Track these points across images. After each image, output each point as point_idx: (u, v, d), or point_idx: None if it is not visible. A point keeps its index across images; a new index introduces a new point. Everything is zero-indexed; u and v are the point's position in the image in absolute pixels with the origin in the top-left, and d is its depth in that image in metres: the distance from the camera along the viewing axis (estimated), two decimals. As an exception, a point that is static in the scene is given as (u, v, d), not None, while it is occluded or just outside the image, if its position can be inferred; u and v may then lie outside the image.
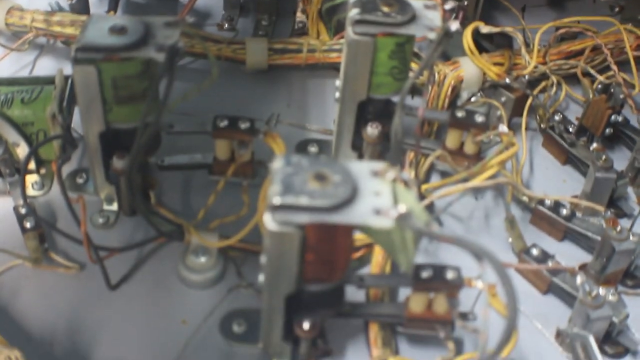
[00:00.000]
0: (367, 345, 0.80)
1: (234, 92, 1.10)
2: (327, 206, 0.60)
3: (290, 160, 0.64)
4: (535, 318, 0.86)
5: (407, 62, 0.87)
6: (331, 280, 0.70)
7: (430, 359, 0.76)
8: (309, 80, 1.14)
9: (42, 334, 0.81)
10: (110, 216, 0.92)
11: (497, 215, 0.96)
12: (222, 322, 0.83)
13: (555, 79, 1.09)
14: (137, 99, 0.82)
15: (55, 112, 0.88)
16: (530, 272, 0.90)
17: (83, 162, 0.96)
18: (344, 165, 0.64)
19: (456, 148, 0.94)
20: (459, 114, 0.92)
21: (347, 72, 0.88)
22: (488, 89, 1.08)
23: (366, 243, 0.88)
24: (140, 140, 0.78)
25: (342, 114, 0.92)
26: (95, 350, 0.80)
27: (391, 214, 0.61)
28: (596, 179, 0.96)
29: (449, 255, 0.90)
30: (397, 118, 0.82)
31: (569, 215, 0.94)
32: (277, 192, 0.61)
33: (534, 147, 1.07)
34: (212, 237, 0.87)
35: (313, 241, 0.65)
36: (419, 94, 1.08)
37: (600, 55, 1.12)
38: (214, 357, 0.81)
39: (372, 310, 0.80)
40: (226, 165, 0.89)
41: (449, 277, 0.74)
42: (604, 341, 0.84)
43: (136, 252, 0.88)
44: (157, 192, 0.93)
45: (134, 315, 0.83)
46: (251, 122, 0.87)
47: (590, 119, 1.03)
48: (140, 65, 0.80)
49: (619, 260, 0.87)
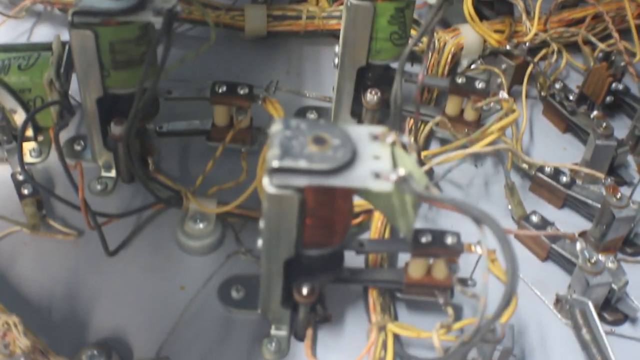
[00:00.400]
0: (366, 311, 0.80)
1: (233, 59, 1.10)
2: (326, 169, 0.60)
3: (289, 123, 0.64)
4: (534, 285, 0.86)
5: (407, 27, 0.86)
6: (330, 245, 0.70)
7: (429, 324, 0.76)
8: (308, 47, 1.13)
9: (40, 300, 0.81)
10: (108, 183, 0.91)
11: (497, 182, 0.96)
12: (220, 288, 0.83)
13: (556, 46, 1.09)
14: (135, 64, 0.81)
15: (52, 79, 0.88)
16: (530, 238, 0.89)
17: (81, 129, 0.95)
18: (344, 129, 0.63)
19: (456, 115, 0.94)
20: (459, 80, 0.92)
21: (346, 38, 0.87)
22: (488, 56, 1.08)
23: (365, 209, 0.88)
24: (138, 106, 0.77)
25: (342, 80, 0.91)
26: (93, 316, 0.80)
27: (391, 178, 0.60)
28: (596, 146, 0.95)
29: (449, 222, 0.90)
30: (396, 84, 0.81)
31: (568, 183, 0.93)
32: (276, 155, 0.61)
33: (534, 115, 1.07)
34: (210, 203, 0.86)
35: (312, 205, 0.64)
36: (418, 62, 1.07)
37: (602, 23, 1.11)
38: (213, 323, 0.81)
39: (371, 276, 0.79)
40: (224, 131, 0.88)
41: (449, 242, 0.73)
42: (603, 308, 0.84)
43: (134, 218, 0.88)
44: (155, 158, 0.93)
45: (132, 282, 0.83)
46: (250, 88, 0.86)
47: (591, 87, 1.03)
48: (137, 29, 0.79)
49: (618, 227, 0.87)
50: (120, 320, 0.80)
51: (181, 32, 1.11)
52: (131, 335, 0.79)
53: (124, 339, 0.78)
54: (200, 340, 0.79)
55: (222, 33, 1.11)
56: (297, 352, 0.79)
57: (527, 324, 0.83)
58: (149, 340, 0.78)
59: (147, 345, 0.78)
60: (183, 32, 1.11)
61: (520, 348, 0.81)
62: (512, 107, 0.86)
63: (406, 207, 0.66)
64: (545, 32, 1.09)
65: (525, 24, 1.08)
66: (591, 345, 0.78)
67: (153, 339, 0.78)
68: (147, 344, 0.78)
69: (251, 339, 0.79)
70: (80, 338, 0.78)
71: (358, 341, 0.79)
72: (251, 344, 0.79)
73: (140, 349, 0.78)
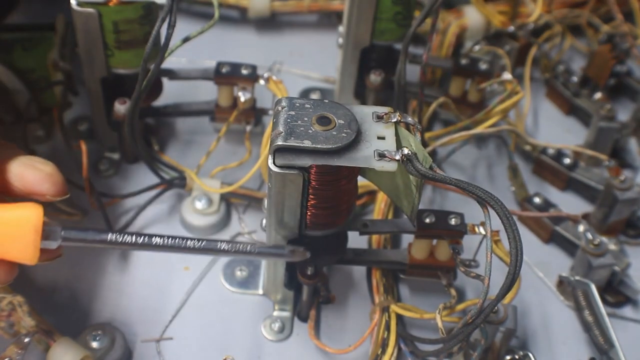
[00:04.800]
0: (369, 293, 0.80)
1: (237, 40, 1.10)
2: (330, 149, 0.60)
3: (293, 103, 0.64)
4: (537, 266, 0.87)
5: (411, 7, 0.86)
6: (334, 226, 0.70)
7: (432, 306, 0.77)
8: (311, 28, 1.13)
9: (45, 281, 0.81)
10: (113, 163, 0.91)
11: (500, 164, 0.96)
12: (224, 269, 0.83)
13: (560, 28, 1.08)
14: (139, 44, 0.81)
15: (56, 58, 0.88)
16: (533, 220, 0.90)
17: (85, 109, 0.95)
18: (348, 108, 0.63)
19: (459, 96, 0.93)
20: (462, 61, 0.91)
21: (350, 19, 0.87)
22: (492, 37, 1.07)
23: (368, 191, 0.88)
24: (142, 86, 0.77)
25: (345, 61, 0.91)
26: (98, 297, 0.80)
27: (395, 158, 0.60)
28: (599, 128, 0.95)
29: (451, 205, 0.90)
30: (400, 64, 0.81)
31: (571, 165, 0.93)
32: (280, 134, 0.61)
33: (537, 97, 1.06)
34: (214, 183, 0.86)
35: (316, 185, 0.64)
36: (422, 43, 1.07)
37: (605, 5, 1.11)
38: (217, 304, 0.81)
39: (375, 257, 0.79)
40: (228, 111, 0.88)
41: (452, 223, 0.73)
42: (605, 290, 0.84)
43: (138, 199, 0.88)
44: (159, 138, 0.93)
45: (135, 262, 0.83)
46: (253, 68, 0.86)
47: (594, 69, 1.02)
48: (141, 9, 0.79)
49: (621, 209, 0.87)
50: (125, 301, 0.80)
51: (184, 12, 1.10)
52: (135, 316, 0.79)
53: (128, 320, 0.79)
54: (204, 321, 0.79)
55: (226, 14, 1.10)
56: (301, 333, 0.79)
57: (530, 305, 0.83)
58: (153, 321, 0.79)
59: (151, 326, 0.78)
60: (187, 9, 1.11)
61: (523, 329, 0.81)
62: (516, 88, 0.86)
63: (410, 187, 0.66)
64: (549, 13, 1.09)
65: (529, 5, 1.07)
66: (593, 326, 0.78)
67: (157, 320, 0.79)
68: (151, 325, 0.78)
69: (255, 320, 0.80)
70: (85, 319, 0.78)
71: (361, 322, 0.80)
72: (255, 324, 0.79)
73: (144, 330, 0.78)
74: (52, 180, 0.62)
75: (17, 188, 0.62)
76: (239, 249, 0.64)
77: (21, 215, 0.58)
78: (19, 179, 0.61)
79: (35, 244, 0.58)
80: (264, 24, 1.12)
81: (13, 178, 0.62)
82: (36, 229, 0.58)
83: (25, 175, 0.61)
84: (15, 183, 0.62)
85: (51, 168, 0.62)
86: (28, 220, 0.58)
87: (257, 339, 0.79)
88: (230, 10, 1.10)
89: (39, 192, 0.62)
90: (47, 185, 0.62)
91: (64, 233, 0.60)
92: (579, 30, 1.13)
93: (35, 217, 0.58)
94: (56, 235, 0.60)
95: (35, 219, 0.58)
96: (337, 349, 0.77)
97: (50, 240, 0.59)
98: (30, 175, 0.61)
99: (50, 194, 0.62)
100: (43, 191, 0.62)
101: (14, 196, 0.62)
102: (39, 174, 0.62)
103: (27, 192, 0.62)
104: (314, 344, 0.77)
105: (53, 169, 0.62)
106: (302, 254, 0.67)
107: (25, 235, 0.58)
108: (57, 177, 0.62)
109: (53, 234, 0.59)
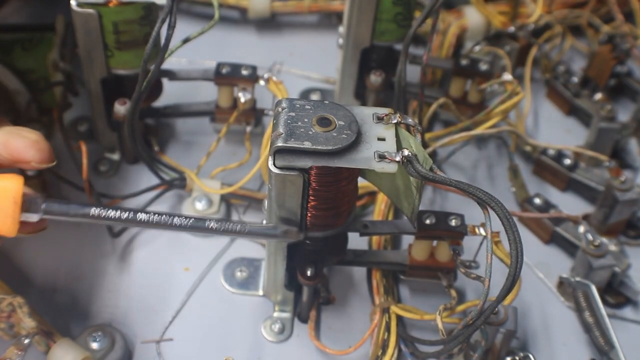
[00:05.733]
0: (369, 294, 0.80)
1: (237, 41, 1.09)
2: (330, 150, 0.60)
3: (294, 104, 0.63)
4: (537, 267, 0.87)
5: (411, 8, 0.86)
6: (334, 227, 0.70)
7: (433, 307, 0.77)
8: (311, 29, 1.13)
9: (45, 281, 0.81)
10: (112, 164, 0.91)
11: (500, 164, 0.96)
12: (224, 270, 0.83)
13: (560, 28, 1.08)
14: (139, 45, 0.81)
15: (56, 59, 0.88)
16: (533, 221, 0.90)
17: (85, 110, 0.95)
18: (348, 110, 0.63)
19: (460, 96, 0.93)
20: (463, 61, 0.91)
21: (350, 19, 0.87)
22: (492, 37, 1.07)
23: (368, 191, 0.88)
24: (142, 87, 0.77)
25: (345, 61, 0.91)
26: (98, 297, 0.80)
27: (395, 159, 0.60)
28: (599, 129, 0.95)
29: (452, 205, 0.90)
30: (401, 65, 0.81)
31: (572, 165, 0.93)
32: (281, 135, 0.61)
33: (537, 98, 1.06)
34: (214, 184, 0.86)
35: (316, 186, 0.64)
36: (422, 44, 1.07)
37: (605, 5, 1.11)
38: (217, 304, 0.81)
39: (375, 258, 0.79)
40: (228, 112, 0.88)
41: (453, 224, 0.73)
42: (605, 291, 0.84)
43: (138, 199, 0.87)
44: (159, 139, 0.93)
45: (136, 263, 0.83)
46: (253, 68, 0.86)
47: (595, 69, 1.02)
48: (141, 9, 0.79)
49: (621, 210, 0.87)
50: (125, 301, 0.80)
51: (184, 12, 1.10)
52: (135, 316, 0.79)
53: (128, 321, 0.78)
54: (204, 322, 0.79)
55: (227, 14, 1.10)
56: (301, 334, 0.79)
57: (530, 306, 0.83)
58: (153, 322, 0.79)
59: (151, 327, 0.78)
60: (187, 9, 1.11)
61: (523, 330, 0.81)
62: (516, 89, 0.86)
63: (410, 189, 0.66)
64: (549, 13, 1.09)
65: (529, 5, 1.07)
66: (594, 327, 0.78)
67: (157, 321, 0.79)
68: (151, 326, 0.78)
69: (255, 321, 0.79)
70: (85, 320, 0.78)
71: (361, 323, 0.80)
72: (255, 325, 0.79)
73: (144, 331, 0.78)
74: (37, 147, 0.61)
75: (2, 157, 0.61)
76: (229, 228, 0.62)
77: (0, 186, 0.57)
78: (4, 147, 0.61)
79: (14, 215, 0.57)
80: (264, 25, 1.12)
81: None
82: (15, 200, 0.56)
83: (10, 142, 0.61)
84: (1, 151, 0.61)
85: (37, 135, 0.62)
86: (7, 191, 0.57)
87: (257, 340, 0.78)
88: (230, 11, 1.10)
89: (24, 159, 0.61)
90: (33, 151, 0.61)
91: (46, 205, 0.59)
92: (579, 31, 1.13)
93: (15, 188, 0.57)
94: (37, 207, 0.58)
95: (15, 190, 0.57)
96: (337, 350, 0.77)
97: (30, 212, 0.58)
98: (15, 142, 0.61)
99: (36, 160, 0.61)
100: (28, 158, 0.61)
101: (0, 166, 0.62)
102: (25, 141, 0.61)
103: (12, 159, 0.61)
104: (314, 345, 0.77)
105: (39, 136, 0.62)
106: (295, 235, 0.66)
107: (4, 206, 0.57)
108: (42, 144, 0.61)
109: (33, 206, 0.58)
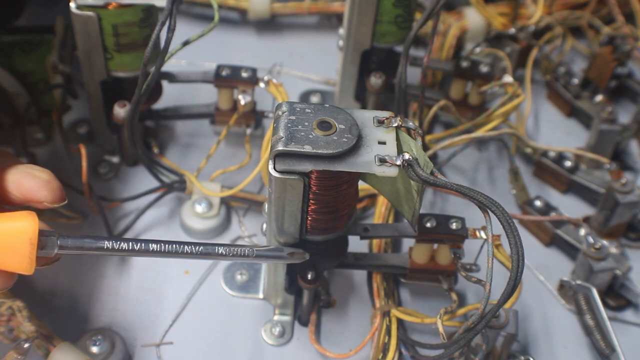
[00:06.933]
0: (370, 297, 0.80)
1: (237, 42, 1.09)
2: (331, 154, 0.60)
3: (294, 107, 0.63)
4: (538, 270, 0.87)
5: (411, 10, 0.86)
6: (334, 230, 0.70)
7: (433, 310, 0.76)
8: (312, 30, 1.12)
9: (44, 285, 0.81)
10: (112, 166, 0.91)
11: (501, 167, 0.96)
12: (224, 273, 0.83)
13: (561, 30, 1.08)
14: (138, 47, 0.81)
15: (55, 61, 0.87)
16: (534, 223, 0.89)
17: (84, 112, 0.95)
18: (349, 113, 0.63)
19: (460, 98, 0.93)
20: (463, 63, 0.91)
21: (350, 20, 0.86)
22: (493, 39, 1.07)
23: (368, 194, 0.88)
24: (142, 89, 0.77)
25: (346, 63, 0.91)
26: (98, 301, 0.80)
27: (396, 163, 0.60)
28: (600, 131, 0.95)
29: (453, 208, 0.90)
30: (401, 67, 0.81)
31: (572, 168, 0.93)
32: (281, 139, 0.60)
33: (538, 100, 1.06)
34: (214, 187, 0.86)
35: (316, 190, 0.64)
36: (422, 45, 1.07)
37: (606, 6, 1.11)
38: (217, 308, 0.81)
39: (375, 261, 0.79)
40: (228, 114, 0.88)
41: (453, 228, 0.73)
42: (606, 294, 0.84)
43: (138, 202, 0.87)
44: (159, 141, 0.93)
45: (135, 266, 0.83)
46: (253, 71, 0.86)
47: (595, 71, 1.02)
48: (141, 12, 0.79)
49: (622, 212, 0.87)
50: (125, 305, 0.80)
51: (183, 14, 1.10)
52: (135, 320, 0.79)
53: (128, 325, 0.78)
54: (205, 326, 0.79)
55: (226, 16, 1.10)
56: (301, 337, 0.79)
57: (531, 309, 0.83)
58: (153, 325, 0.79)
59: (151, 331, 0.78)
60: (186, 11, 1.10)
61: (524, 334, 0.81)
62: (517, 91, 0.86)
63: (411, 192, 0.66)
64: (550, 15, 1.09)
65: (530, 7, 1.07)
66: (595, 330, 0.78)
67: (157, 324, 0.79)
68: (151, 330, 0.78)
69: (255, 324, 0.79)
70: (84, 323, 0.78)
71: (362, 327, 0.80)
72: (255, 328, 0.79)
73: (144, 335, 0.78)
74: (49, 187, 0.62)
75: (15, 196, 0.62)
76: (237, 252, 0.64)
77: (16, 227, 0.57)
78: (17, 187, 0.61)
79: (31, 255, 0.58)
80: (264, 26, 1.11)
81: (11, 186, 0.61)
82: (31, 240, 0.57)
83: (23, 183, 0.61)
84: (13, 191, 0.61)
85: (48, 175, 0.62)
86: (24, 232, 0.57)
87: (258, 343, 0.78)
88: (230, 12, 1.10)
89: (37, 200, 0.62)
90: (45, 192, 0.61)
91: (61, 242, 0.60)
92: (579, 32, 1.12)
93: (31, 228, 0.57)
94: (52, 244, 0.59)
95: (30, 231, 0.57)
96: (337, 353, 0.77)
97: (46, 249, 0.59)
98: (28, 183, 0.61)
99: (48, 200, 0.62)
100: (41, 198, 0.61)
101: (12, 204, 0.62)
102: (37, 182, 0.61)
103: (25, 199, 0.62)
104: (315, 349, 0.77)
105: (50, 176, 0.62)
106: (301, 256, 0.67)
107: (21, 247, 0.57)
108: (54, 183, 0.62)
109: (49, 244, 0.59)
